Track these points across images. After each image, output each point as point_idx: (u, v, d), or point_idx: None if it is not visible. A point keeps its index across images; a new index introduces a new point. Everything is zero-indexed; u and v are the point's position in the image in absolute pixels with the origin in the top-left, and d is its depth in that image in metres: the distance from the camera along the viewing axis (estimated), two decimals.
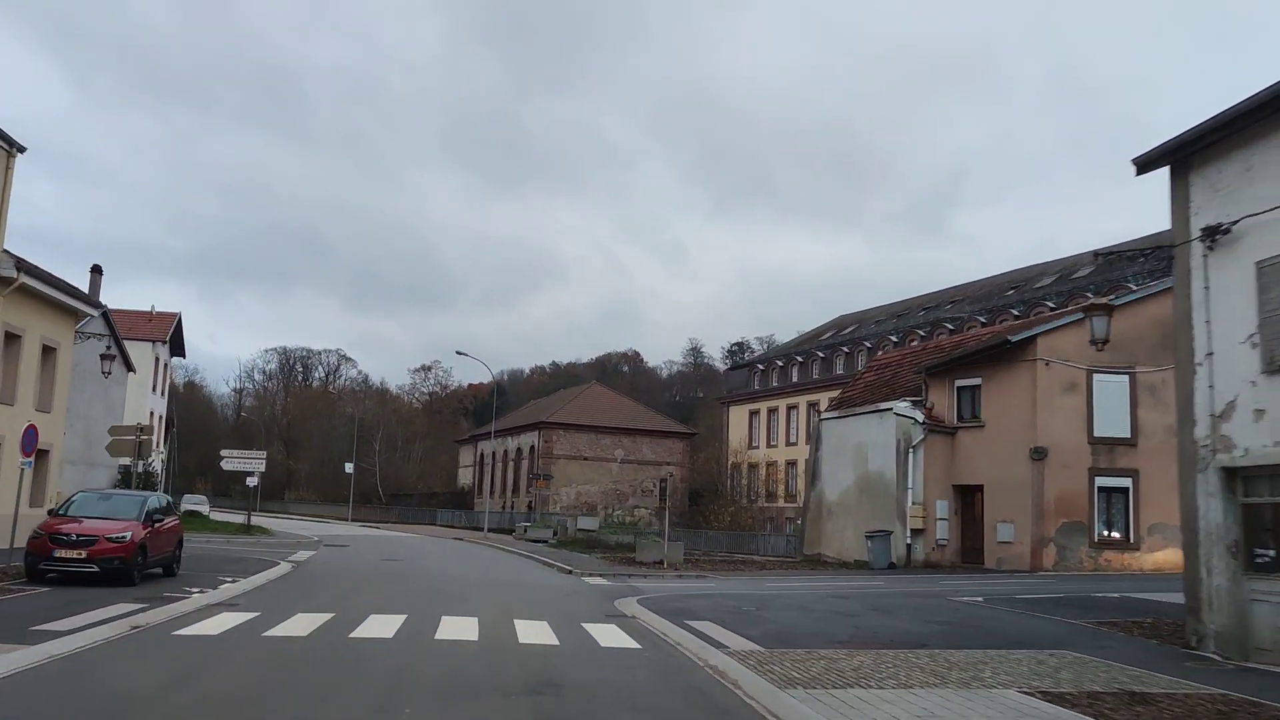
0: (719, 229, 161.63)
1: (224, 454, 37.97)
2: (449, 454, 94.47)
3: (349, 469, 68.16)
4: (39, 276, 21.91)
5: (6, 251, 20.40)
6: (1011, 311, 52.43)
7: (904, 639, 12.71)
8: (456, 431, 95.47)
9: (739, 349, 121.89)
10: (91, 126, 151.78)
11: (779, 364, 70.53)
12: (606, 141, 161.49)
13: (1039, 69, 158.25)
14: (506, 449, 73.10)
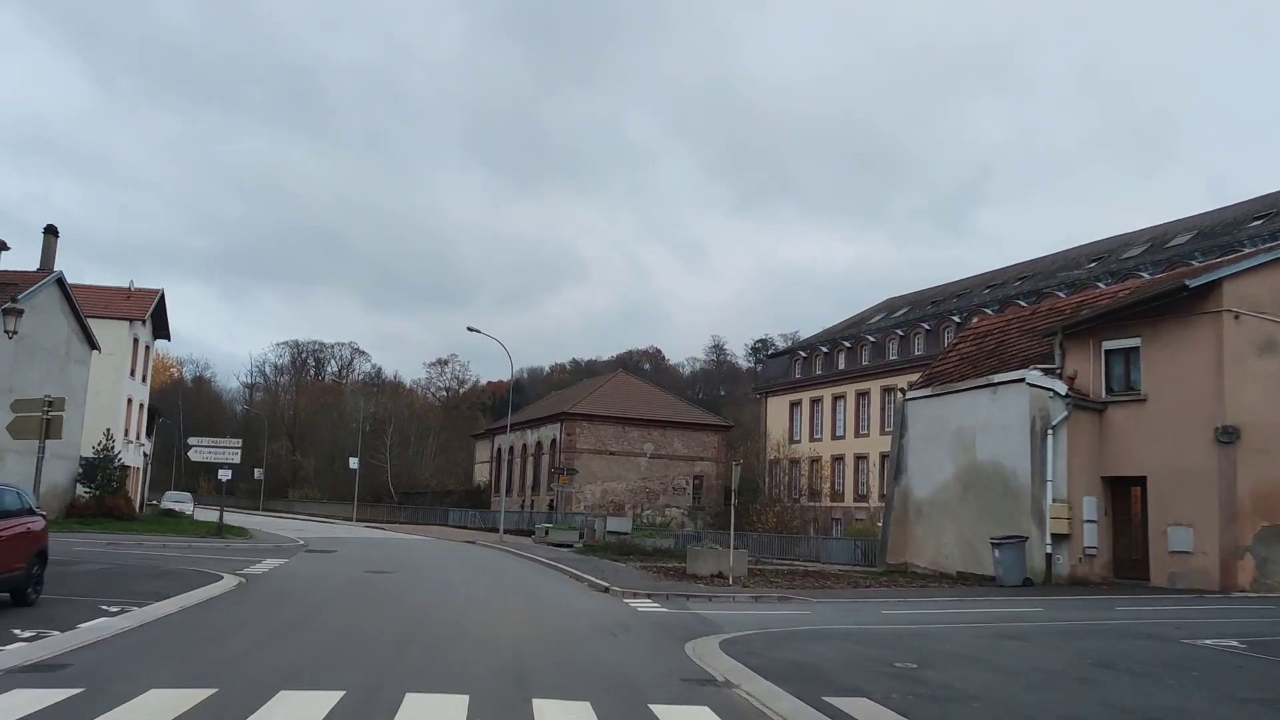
0: (740, 227, 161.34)
1: (191, 443, 32.30)
2: (465, 450, 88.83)
3: (354, 464, 62.43)
4: None
5: None
6: (1097, 285, 46.05)
7: None
8: (473, 428, 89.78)
9: (762, 345, 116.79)
10: (114, 126, 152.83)
11: (823, 350, 64.28)
12: (627, 139, 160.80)
13: (1066, 64, 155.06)
14: (525, 443, 67.24)
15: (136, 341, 47.30)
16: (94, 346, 38.04)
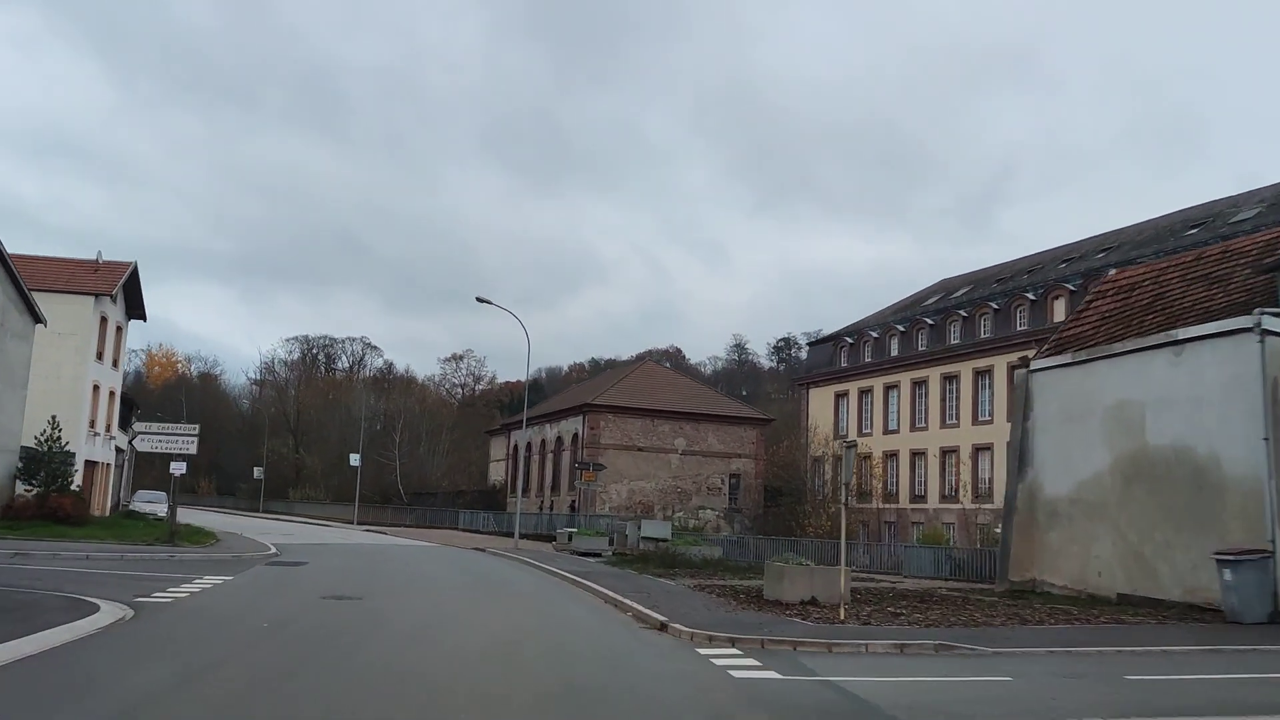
0: (761, 227, 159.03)
1: (137, 429, 26.50)
2: (480, 448, 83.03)
3: (354, 460, 56.61)
4: None
5: None
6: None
7: None
8: (489, 425, 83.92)
9: (785, 344, 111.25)
10: (135, 128, 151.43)
11: (873, 335, 57.91)
12: (647, 139, 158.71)
13: (1091, 60, 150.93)
14: (544, 438, 61.27)
15: (105, 320, 41.63)
16: (38, 320, 32.38)
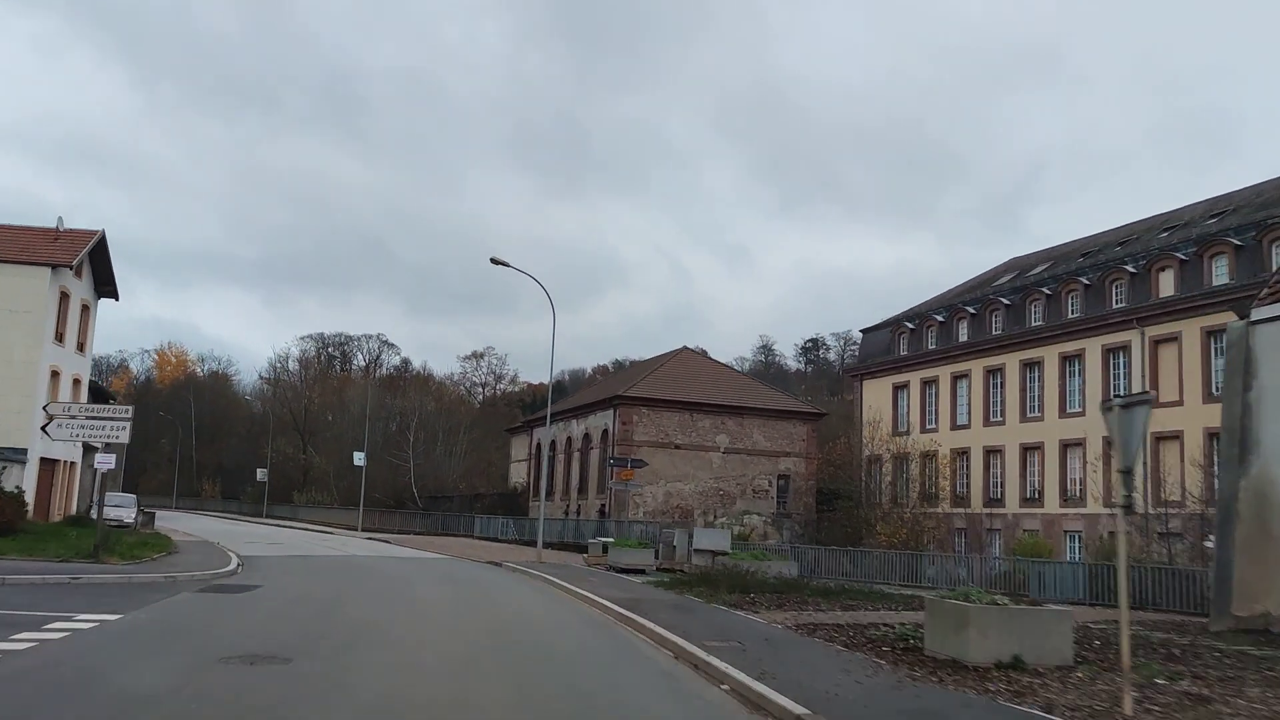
0: (784, 229, 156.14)
1: (50, 412, 20.65)
2: (500, 448, 77.17)
3: (358, 460, 50.79)
4: None
5: None
6: None
7: None
8: (510, 425, 78.01)
9: (813, 345, 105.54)
10: (158, 133, 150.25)
11: (937, 319, 51.45)
12: (669, 142, 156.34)
13: (1118, 59, 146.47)
14: (570, 435, 55.28)
15: (66, 296, 36.11)
16: None
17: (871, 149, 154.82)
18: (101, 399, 42.74)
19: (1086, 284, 43.13)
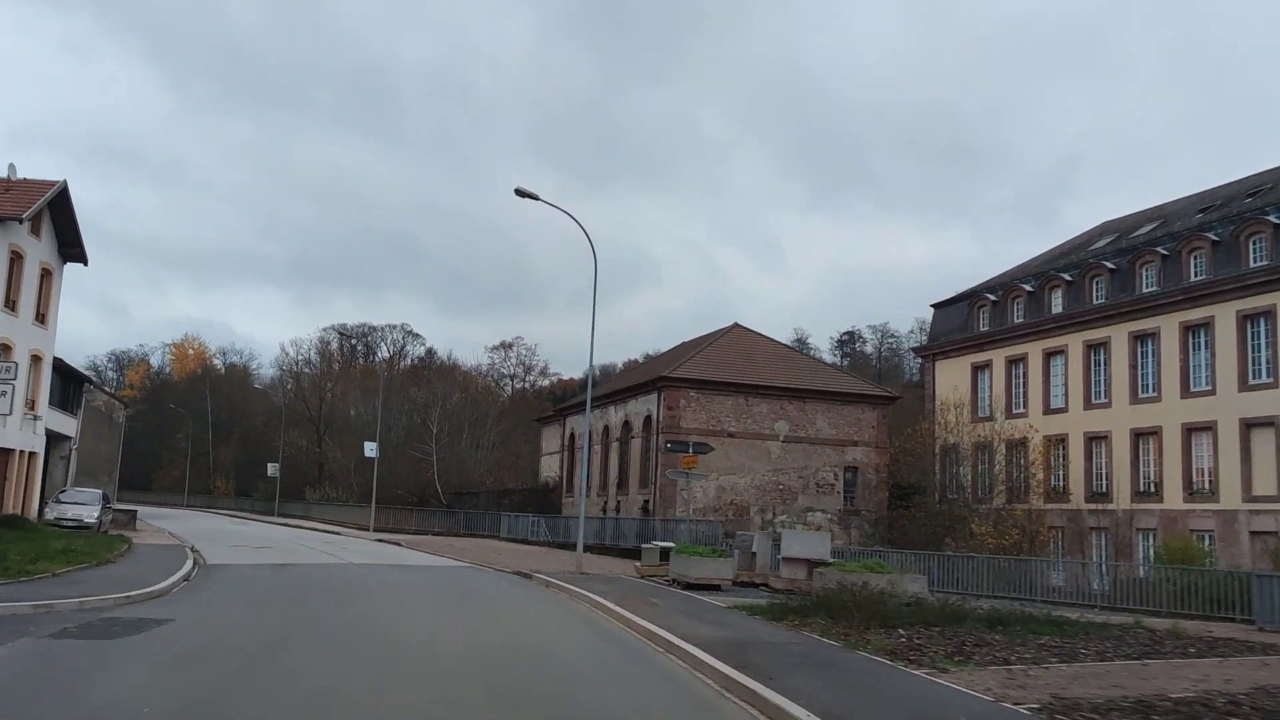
0: (816, 223, 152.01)
1: None
2: (530, 440, 71.63)
3: (370, 451, 45.22)
4: None
5: None
6: None
7: None
8: (541, 415, 72.39)
9: (849, 338, 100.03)
10: (188, 132, 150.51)
11: (1025, 289, 45.01)
12: (699, 135, 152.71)
13: (1161, 43, 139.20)
14: (608, 424, 49.44)
15: (19, 257, 30.77)
16: None
17: (904, 142, 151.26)
18: (76, 381, 37.49)
19: (1215, 240, 36.63)
